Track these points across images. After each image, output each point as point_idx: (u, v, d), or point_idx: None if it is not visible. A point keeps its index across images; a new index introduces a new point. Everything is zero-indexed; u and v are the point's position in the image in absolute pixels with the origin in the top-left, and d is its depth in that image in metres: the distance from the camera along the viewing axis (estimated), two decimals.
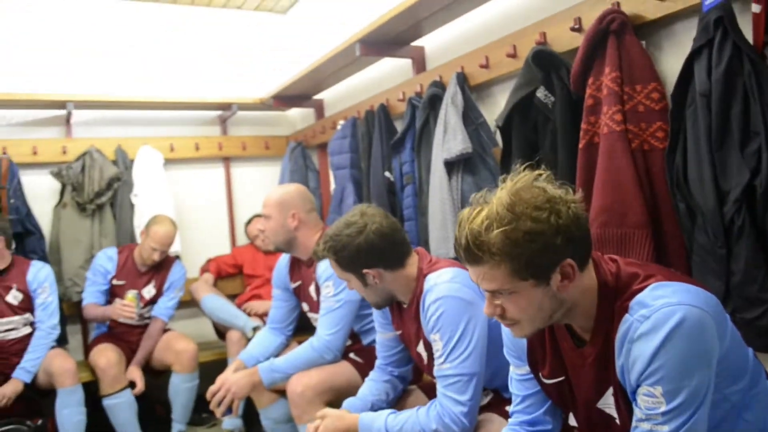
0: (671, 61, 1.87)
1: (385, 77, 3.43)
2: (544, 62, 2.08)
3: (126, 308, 3.24)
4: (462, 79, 2.60)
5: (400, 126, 3.06)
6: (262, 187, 4.21)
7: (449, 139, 2.50)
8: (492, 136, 2.50)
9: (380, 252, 1.85)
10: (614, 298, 1.22)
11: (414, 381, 2.20)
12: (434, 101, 2.70)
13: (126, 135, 4.03)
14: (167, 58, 4.20)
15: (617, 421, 1.28)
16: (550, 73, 2.07)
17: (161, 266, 3.50)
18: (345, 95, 3.86)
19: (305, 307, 2.66)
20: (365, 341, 2.52)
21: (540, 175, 1.22)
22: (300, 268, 2.63)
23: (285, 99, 4.10)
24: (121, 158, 3.88)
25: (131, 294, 3.29)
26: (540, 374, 1.40)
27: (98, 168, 3.70)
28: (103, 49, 4.04)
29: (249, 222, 4.06)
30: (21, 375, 3.06)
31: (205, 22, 4.32)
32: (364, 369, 2.33)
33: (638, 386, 1.14)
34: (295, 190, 2.64)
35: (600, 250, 1.33)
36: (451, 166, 2.51)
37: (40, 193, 3.76)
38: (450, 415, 1.67)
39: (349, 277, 1.90)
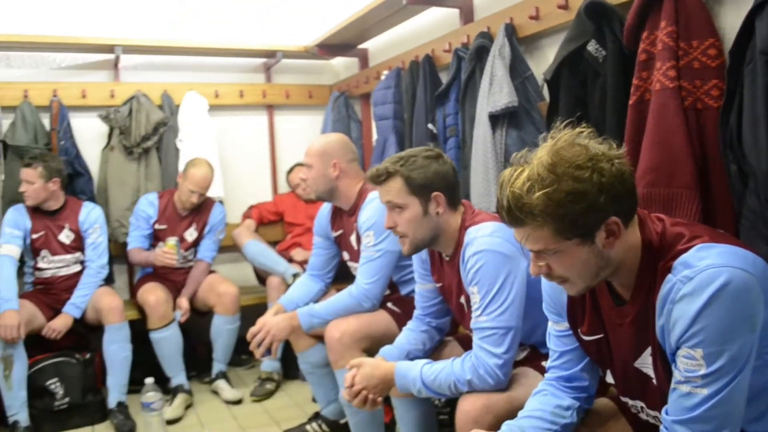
0: (731, 16, 1.78)
1: (431, 27, 3.37)
2: (597, 14, 2.01)
3: (167, 255, 3.34)
4: (510, 30, 2.54)
5: (444, 77, 3.03)
6: (305, 136, 4.23)
7: (495, 91, 2.47)
8: (539, 90, 2.46)
9: (451, 184, 1.87)
10: (658, 258, 1.20)
11: (451, 333, 2.23)
12: (481, 53, 2.65)
13: (172, 80, 4.07)
14: (214, 4, 4.19)
15: (654, 381, 1.27)
16: (603, 26, 2.01)
17: (201, 209, 3.58)
18: (390, 45, 3.82)
19: (345, 256, 2.70)
20: (403, 291, 2.55)
21: (581, 132, 1.20)
22: (341, 217, 2.65)
23: (329, 47, 4.07)
24: (167, 103, 3.93)
25: (171, 241, 3.38)
26: (579, 331, 1.41)
27: (145, 112, 3.76)
28: None
29: (291, 170, 4.09)
30: (71, 310, 3.20)
31: None
32: (401, 319, 2.36)
33: (678, 348, 1.14)
34: (337, 140, 2.64)
35: (646, 209, 1.31)
36: (495, 119, 2.49)
37: (89, 136, 3.84)
38: (485, 367, 1.69)
39: (411, 201, 1.84)
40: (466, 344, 2.07)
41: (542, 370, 1.64)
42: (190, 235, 3.57)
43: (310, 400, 3.17)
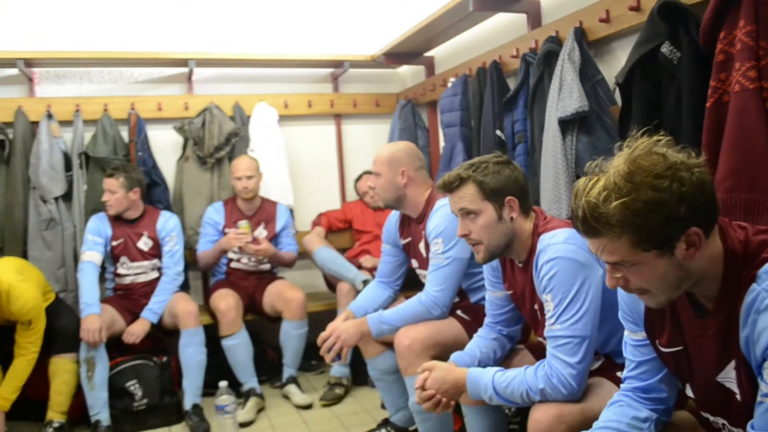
0: None
1: (498, 33, 3.35)
2: (671, 15, 1.96)
3: (240, 236, 3.44)
4: (580, 34, 2.50)
5: (512, 83, 3.00)
6: (372, 144, 4.26)
7: (564, 96, 2.43)
8: (610, 94, 2.41)
9: (522, 189, 1.86)
10: (741, 267, 1.16)
11: (522, 341, 2.20)
12: (550, 57, 2.62)
13: (243, 92, 4.18)
14: (282, 17, 4.29)
15: (738, 396, 1.22)
16: (677, 27, 1.95)
17: (265, 209, 3.72)
18: (456, 52, 3.81)
19: (414, 263, 2.70)
20: (473, 299, 2.54)
21: (659, 140, 1.16)
22: (410, 224, 2.66)
23: (396, 56, 4.10)
24: (238, 114, 4.05)
25: (243, 223, 3.49)
26: (657, 342, 1.37)
27: (217, 123, 3.88)
28: (221, 8, 4.19)
29: (359, 178, 4.13)
30: (148, 315, 3.32)
31: None
32: (470, 326, 2.36)
33: (764, 360, 1.09)
34: (405, 148, 2.66)
35: (726, 216, 1.27)
36: (565, 124, 2.45)
37: (165, 147, 4.01)
38: (558, 377, 1.66)
39: (485, 206, 1.83)
40: (537, 353, 2.04)
41: (617, 381, 1.61)
42: (260, 233, 3.67)
43: (379, 407, 3.19)
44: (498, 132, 3.00)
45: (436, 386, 1.85)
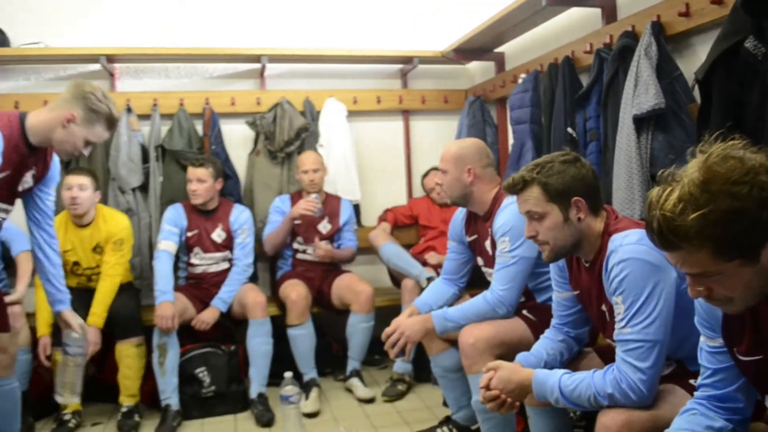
0: None
1: (571, 28, 3.28)
2: (756, 8, 1.87)
3: (309, 203, 3.51)
4: (657, 28, 2.43)
5: (585, 80, 2.94)
6: (440, 140, 4.24)
7: (640, 93, 2.37)
8: (689, 91, 2.33)
9: (591, 188, 1.81)
10: None
11: (589, 343, 2.15)
12: (625, 53, 2.55)
13: (313, 87, 4.24)
14: (353, 13, 4.33)
15: None
16: (762, 21, 1.86)
17: (329, 205, 3.76)
18: (527, 48, 3.75)
19: (480, 261, 2.68)
20: (539, 299, 2.49)
21: (734, 143, 1.11)
22: (476, 222, 2.64)
23: (465, 52, 4.07)
24: (308, 109, 4.11)
25: (313, 195, 3.57)
26: (735, 349, 1.31)
27: (288, 118, 3.95)
28: (293, 5, 4.25)
29: (426, 175, 4.12)
30: (218, 304, 3.42)
31: None
32: (536, 327, 2.32)
33: None
34: (472, 145, 2.63)
35: None
36: (640, 122, 2.38)
37: (237, 141, 4.10)
38: (628, 382, 1.62)
39: (550, 208, 1.80)
40: (605, 356, 1.99)
41: (690, 388, 1.55)
42: (324, 227, 3.73)
43: (441, 404, 3.17)
44: (569, 129, 2.94)
45: (501, 386, 1.82)
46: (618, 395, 1.63)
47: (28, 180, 2.28)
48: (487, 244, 2.56)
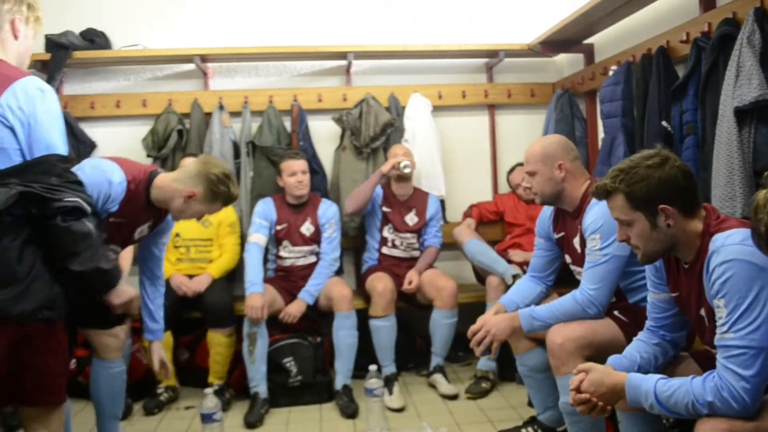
0: None
1: (665, 17, 3.15)
2: None
3: (399, 156, 3.59)
4: (761, 15, 2.30)
5: (681, 71, 2.82)
6: (526, 135, 4.17)
7: (742, 84, 2.25)
8: None
9: (681, 190, 1.72)
10: None
11: (686, 348, 2.07)
12: (725, 42, 2.43)
13: (398, 83, 4.26)
14: (438, 7, 4.32)
15: None
16: None
17: (417, 198, 3.79)
18: (619, 38, 3.63)
19: (568, 259, 2.61)
20: (631, 299, 2.41)
21: None
22: (564, 219, 2.58)
23: (553, 44, 3.98)
24: (393, 105, 4.13)
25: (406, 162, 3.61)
26: None
27: (374, 114, 3.99)
28: (378, 1, 4.29)
29: (512, 170, 4.05)
30: (305, 296, 3.50)
31: None
32: (628, 328, 2.24)
33: None
34: (557, 141, 2.56)
35: None
36: (742, 115, 2.27)
37: (324, 137, 4.18)
38: (729, 390, 1.54)
39: (636, 216, 1.74)
40: (703, 362, 1.90)
41: None
42: (411, 219, 3.75)
43: (526, 404, 3.13)
44: (664, 123, 2.83)
45: (592, 389, 1.78)
46: (719, 404, 1.55)
47: (144, 230, 2.48)
48: (576, 241, 2.49)
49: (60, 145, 1.76)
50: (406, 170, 3.66)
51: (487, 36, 4.25)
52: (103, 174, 2.21)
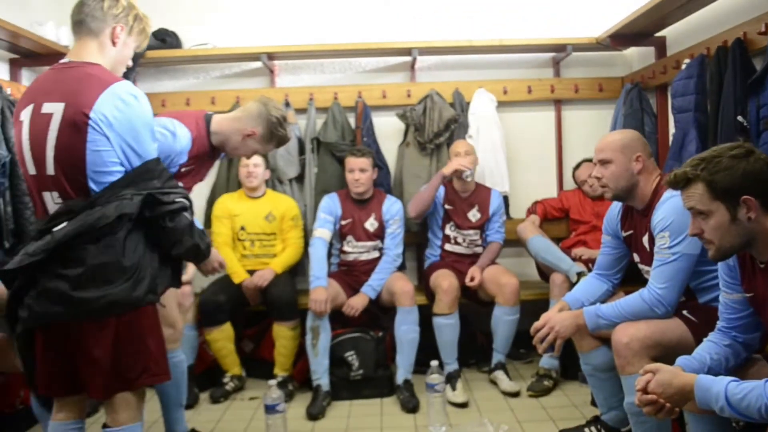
0: None
1: (742, 8, 3.02)
2: None
3: (463, 160, 3.56)
4: None
5: (758, 63, 2.71)
6: (593, 131, 4.09)
7: None
8: None
9: (764, 184, 1.66)
10: None
11: (759, 350, 1.99)
12: None
13: (463, 78, 4.24)
14: (504, 0, 4.28)
15: None
16: None
17: (479, 194, 3.76)
18: (692, 31, 3.51)
19: (636, 257, 2.55)
20: (702, 299, 2.34)
21: None
22: (632, 216, 2.52)
23: (623, 37, 3.88)
24: (457, 101, 4.12)
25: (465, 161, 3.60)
26: None
27: (437, 110, 3.98)
28: None
29: (578, 166, 3.98)
30: (368, 291, 3.54)
31: None
32: (697, 329, 2.17)
33: None
34: (633, 133, 2.53)
35: None
36: None
37: (387, 133, 4.21)
38: None
39: (715, 207, 1.69)
40: None
41: None
42: (474, 216, 3.73)
43: (589, 403, 3.08)
44: (740, 118, 2.72)
45: (659, 390, 1.73)
46: None
47: (211, 170, 2.63)
48: (645, 239, 2.43)
49: (153, 149, 1.91)
50: (468, 179, 3.66)
51: (554, 30, 4.18)
52: (171, 136, 2.23)
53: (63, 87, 1.83)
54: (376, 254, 3.68)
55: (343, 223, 3.65)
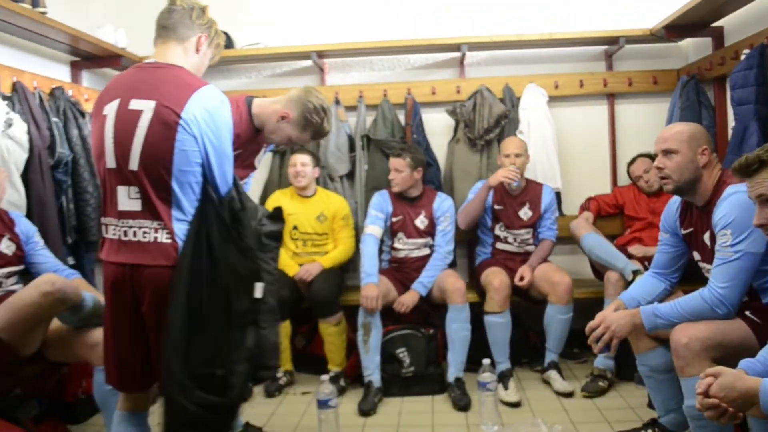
0: None
1: None
2: None
3: (509, 171, 3.51)
4: None
5: None
6: (648, 125, 4.01)
7: None
8: None
9: None
10: None
11: None
12: None
13: (513, 74, 4.20)
14: None
15: None
16: None
17: (531, 191, 3.72)
18: (751, 20, 3.39)
19: (696, 255, 2.49)
20: (766, 299, 2.26)
21: None
22: (692, 213, 2.45)
23: (678, 28, 3.78)
24: (508, 96, 4.08)
25: (512, 167, 3.54)
26: None
27: (488, 106, 3.95)
28: None
29: (633, 161, 3.89)
30: (418, 288, 3.53)
31: None
32: (761, 330, 2.11)
33: None
34: (700, 126, 2.47)
35: None
36: None
37: (437, 129, 4.20)
38: None
39: None
40: None
41: None
42: (525, 214, 3.69)
43: (645, 405, 3.01)
44: None
45: (722, 394, 1.68)
46: None
47: (261, 156, 2.62)
48: (706, 237, 2.37)
49: (230, 149, 1.97)
50: (515, 188, 3.63)
51: (606, 22, 4.10)
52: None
53: (152, 85, 1.89)
54: (426, 251, 3.68)
55: (394, 220, 3.66)
